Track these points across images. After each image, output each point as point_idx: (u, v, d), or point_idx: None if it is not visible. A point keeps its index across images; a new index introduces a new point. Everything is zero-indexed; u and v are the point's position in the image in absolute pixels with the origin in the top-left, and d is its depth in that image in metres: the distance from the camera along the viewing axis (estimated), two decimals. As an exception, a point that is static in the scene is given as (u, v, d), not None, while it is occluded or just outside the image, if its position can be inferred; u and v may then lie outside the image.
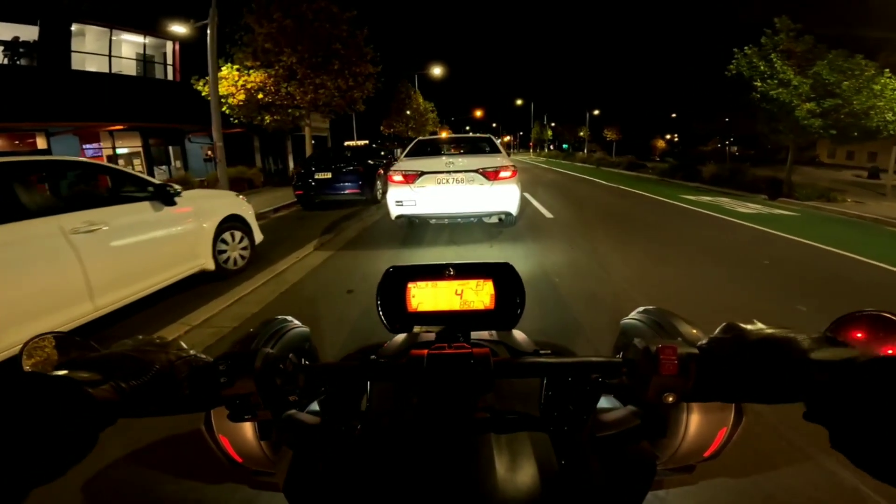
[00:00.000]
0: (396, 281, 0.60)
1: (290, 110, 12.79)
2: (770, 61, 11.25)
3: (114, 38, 15.02)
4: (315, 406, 0.58)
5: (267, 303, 3.83)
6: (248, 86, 11.73)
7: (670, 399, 0.43)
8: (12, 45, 12.24)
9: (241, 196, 5.13)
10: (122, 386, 0.39)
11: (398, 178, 5.93)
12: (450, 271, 0.59)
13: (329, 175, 9.49)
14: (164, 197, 3.76)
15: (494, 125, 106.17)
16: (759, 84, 11.52)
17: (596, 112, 51.49)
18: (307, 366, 0.52)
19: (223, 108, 12.35)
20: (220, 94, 11.67)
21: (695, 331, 0.55)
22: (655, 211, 9.01)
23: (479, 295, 0.59)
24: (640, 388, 0.45)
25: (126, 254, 3.42)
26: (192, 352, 0.48)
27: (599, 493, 0.47)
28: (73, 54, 13.89)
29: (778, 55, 11.14)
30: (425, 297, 0.59)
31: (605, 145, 50.95)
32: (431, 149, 7.28)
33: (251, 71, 11.76)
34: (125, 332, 2.60)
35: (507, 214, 5.93)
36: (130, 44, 16.03)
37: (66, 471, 0.32)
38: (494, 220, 6.18)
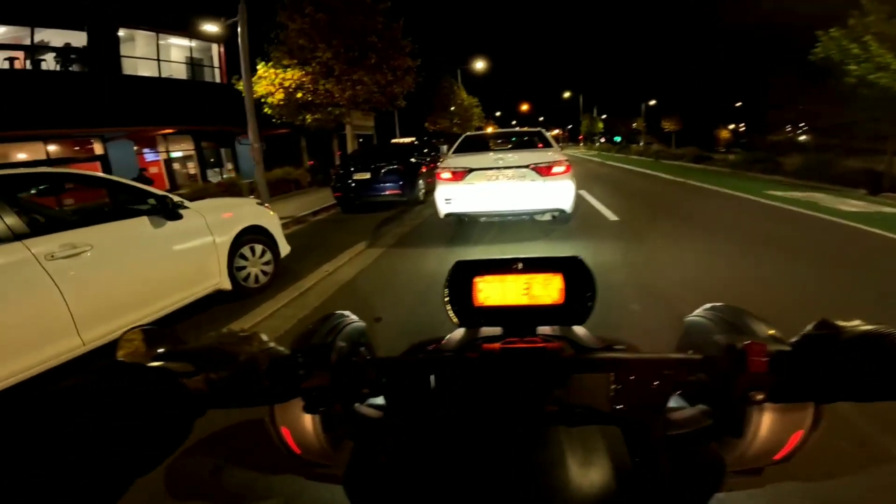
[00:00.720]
0: (463, 275, 0.58)
1: (329, 108, 12.41)
2: (864, 44, 9.83)
3: (161, 42, 15.33)
4: (378, 400, 0.58)
5: (280, 333, 3.23)
6: (286, 84, 11.41)
7: (759, 398, 0.42)
8: (64, 52, 12.63)
9: (265, 204, 4.61)
10: (211, 377, 0.40)
11: (446, 175, 5.72)
12: (518, 265, 0.58)
13: (368, 175, 8.94)
14: (166, 210, 3.24)
15: (541, 119, 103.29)
16: (854, 68, 10.07)
17: (652, 102, 48.15)
18: (379, 359, 0.52)
19: (265, 109, 12.19)
20: (259, 93, 11.47)
21: (772, 330, 0.50)
22: (744, 210, 7.71)
23: (547, 289, 0.57)
24: (722, 387, 0.44)
25: (118, 279, 2.91)
26: (270, 344, 0.49)
27: (669, 493, 0.46)
28: (124, 59, 14.30)
29: (872, 37, 9.73)
30: (492, 291, 0.58)
31: (662, 137, 47.68)
32: (480, 145, 6.89)
33: (288, 69, 11.43)
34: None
35: (561, 212, 5.64)
36: (178, 47, 16.37)
37: (163, 461, 0.33)
38: (547, 217, 5.87)
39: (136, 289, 3.02)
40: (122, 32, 14.05)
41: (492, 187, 5.55)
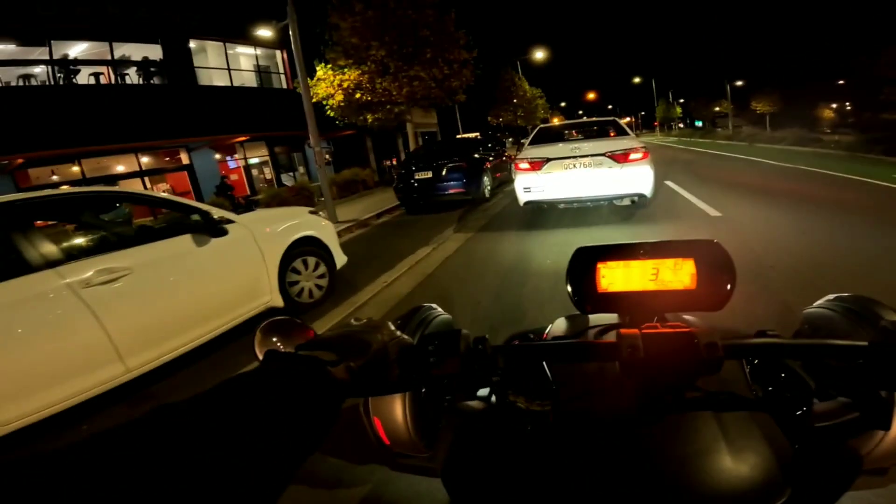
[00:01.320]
0: (586, 261, 0.57)
1: (388, 106, 12.20)
2: None
3: (229, 52, 16.01)
4: (480, 392, 0.57)
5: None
6: (344, 84, 11.35)
7: None
8: (143, 65, 13.52)
9: (319, 213, 4.32)
10: (350, 366, 0.41)
11: (525, 165, 5.97)
12: (643, 250, 0.56)
13: (430, 174, 8.54)
14: (210, 227, 2.98)
15: (610, 107, 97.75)
16: None
17: (739, 83, 42.81)
18: (507, 347, 0.51)
19: (327, 112, 12.26)
20: (320, 96, 11.52)
21: None
22: (879, 199, 6.32)
23: (677, 275, 0.55)
24: (882, 377, 0.42)
25: (161, 303, 2.69)
26: (398, 333, 0.48)
27: (805, 487, 0.44)
28: (198, 70, 15.09)
29: None
30: (616, 277, 0.57)
31: (753, 119, 42.76)
32: (555, 135, 7.17)
33: (345, 69, 11.34)
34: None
35: (641, 196, 5.71)
36: (245, 56, 17.06)
37: (319, 445, 0.34)
38: (626, 202, 5.89)
39: (180, 312, 2.79)
40: (193, 44, 14.82)
41: (570, 175, 5.73)
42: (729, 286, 0.53)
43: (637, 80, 56.19)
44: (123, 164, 14.00)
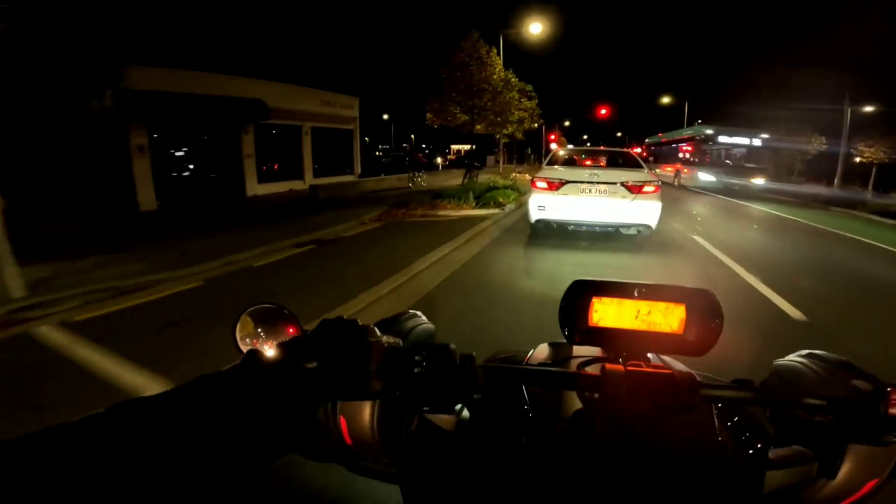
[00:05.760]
0: (580, 293, 0.58)
1: None
2: None
3: None
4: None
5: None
6: None
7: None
8: None
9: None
10: (330, 369, 0.41)
11: (542, 184, 6.32)
12: (639, 291, 0.57)
13: None
14: None
15: (619, 134, 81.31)
16: None
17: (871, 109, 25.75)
18: (494, 367, 0.51)
19: None
20: None
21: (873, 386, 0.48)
22: None
23: (667, 318, 0.56)
24: (855, 429, 0.44)
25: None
26: (383, 338, 0.47)
27: None
28: None
29: None
30: (608, 312, 0.58)
31: (859, 172, 28.15)
32: (571, 160, 7.72)
33: None
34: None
35: (647, 227, 6.11)
36: None
37: (294, 447, 0.35)
38: (633, 231, 6.24)
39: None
40: None
41: (584, 200, 6.11)
42: (715, 335, 0.54)
43: (666, 100, 42.70)
44: None
